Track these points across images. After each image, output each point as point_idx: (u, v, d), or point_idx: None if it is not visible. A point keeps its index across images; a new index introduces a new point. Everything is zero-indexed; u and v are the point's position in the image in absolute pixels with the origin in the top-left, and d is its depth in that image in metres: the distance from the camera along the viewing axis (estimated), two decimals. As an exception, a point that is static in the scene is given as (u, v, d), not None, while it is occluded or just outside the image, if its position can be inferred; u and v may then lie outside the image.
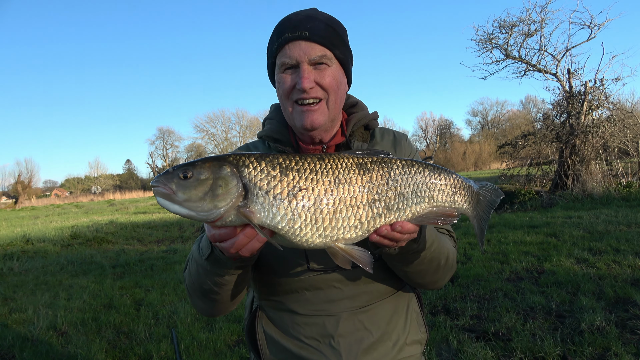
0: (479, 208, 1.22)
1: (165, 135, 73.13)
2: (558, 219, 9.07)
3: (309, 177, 1.01)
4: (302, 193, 1.00)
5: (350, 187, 1.04)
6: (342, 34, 1.36)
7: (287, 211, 0.98)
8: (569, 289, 4.71)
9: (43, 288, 6.66)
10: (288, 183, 1.00)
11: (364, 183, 1.05)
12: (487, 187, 1.24)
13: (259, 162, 1.00)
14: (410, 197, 1.09)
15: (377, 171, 1.07)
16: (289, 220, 0.98)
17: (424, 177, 1.11)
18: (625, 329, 3.64)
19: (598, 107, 13.62)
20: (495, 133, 68.21)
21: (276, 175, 0.99)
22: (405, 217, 1.09)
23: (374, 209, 1.05)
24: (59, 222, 19.20)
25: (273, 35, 1.33)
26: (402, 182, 1.08)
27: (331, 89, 1.28)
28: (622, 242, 6.41)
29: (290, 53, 1.25)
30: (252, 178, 0.98)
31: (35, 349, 4.10)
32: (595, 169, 12.70)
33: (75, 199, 57.65)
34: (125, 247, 10.32)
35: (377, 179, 1.06)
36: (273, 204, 0.97)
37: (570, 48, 14.03)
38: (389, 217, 1.07)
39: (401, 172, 1.09)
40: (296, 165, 1.02)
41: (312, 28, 1.26)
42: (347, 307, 1.33)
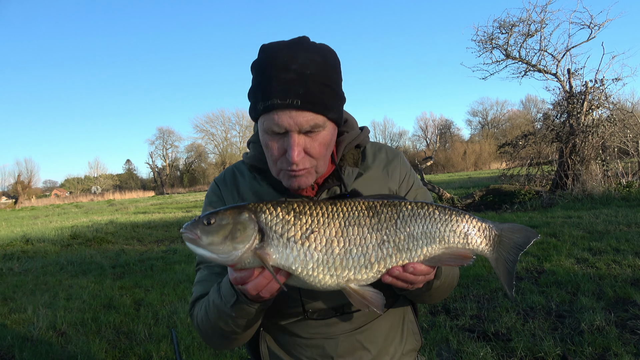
0: (501, 249, 1.19)
1: (165, 135, 73.27)
2: (558, 219, 9.07)
3: (321, 220, 1.08)
4: (314, 235, 1.06)
5: (359, 229, 1.09)
6: (336, 81, 1.21)
7: (300, 252, 1.05)
8: (569, 289, 4.71)
9: (43, 288, 6.66)
10: (301, 226, 1.06)
11: (372, 224, 1.10)
12: (512, 228, 1.20)
13: (275, 208, 1.08)
14: (421, 238, 1.12)
15: (385, 213, 1.11)
16: (302, 261, 1.05)
17: (433, 219, 1.14)
18: (625, 329, 3.64)
19: (598, 107, 13.61)
20: (496, 133, 68.27)
21: (290, 220, 1.07)
22: (417, 259, 1.12)
23: (383, 249, 1.09)
24: (59, 222, 19.20)
25: (258, 88, 1.16)
26: (411, 223, 1.12)
27: (320, 156, 1.21)
28: (622, 242, 6.41)
29: (280, 121, 1.14)
30: (268, 222, 1.06)
31: (35, 349, 4.10)
32: (595, 169, 12.69)
33: (75, 199, 57.67)
34: (125, 247, 10.31)
35: (386, 220, 1.11)
36: (287, 246, 1.05)
37: (571, 48, 14.03)
38: (400, 258, 1.11)
39: (410, 213, 1.13)
40: (309, 210, 1.09)
41: (305, 94, 1.12)
42: (345, 329, 1.38)
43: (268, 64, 1.14)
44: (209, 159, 75.92)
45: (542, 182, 14.51)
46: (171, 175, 75.87)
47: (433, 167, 50.91)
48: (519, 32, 14.51)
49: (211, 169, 73.39)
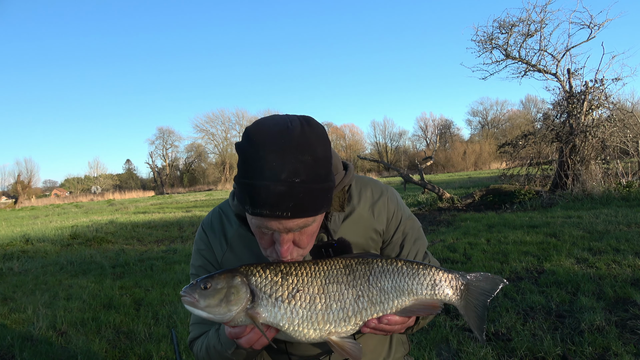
0: (469, 297, 1.27)
1: (165, 135, 73.27)
2: (558, 219, 9.07)
3: (305, 280, 1.19)
4: (299, 294, 1.17)
5: (338, 286, 1.20)
6: (327, 174, 1.14)
7: (286, 310, 1.16)
8: (569, 288, 4.71)
9: (43, 288, 6.67)
10: (288, 286, 1.18)
11: (349, 281, 1.21)
12: (479, 277, 1.28)
13: (264, 270, 1.19)
14: (391, 292, 1.22)
15: (360, 270, 1.23)
16: (288, 318, 1.16)
17: (402, 273, 1.24)
18: (625, 329, 3.64)
19: (598, 107, 13.61)
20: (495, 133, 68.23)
21: (278, 281, 1.18)
22: (390, 310, 1.22)
23: (359, 304, 1.20)
24: (59, 222, 19.20)
25: (243, 194, 1.12)
26: (382, 279, 1.22)
27: (308, 244, 1.24)
28: (622, 242, 6.41)
29: (269, 225, 1.14)
30: (258, 284, 1.17)
31: (35, 349, 4.10)
32: (595, 169, 12.69)
33: (75, 198, 57.66)
34: (125, 247, 10.32)
35: (360, 277, 1.22)
36: (275, 305, 1.16)
37: (570, 48, 14.03)
38: (375, 311, 1.21)
39: (381, 270, 1.23)
40: (295, 271, 1.20)
41: (295, 206, 1.08)
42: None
43: (255, 169, 1.07)
44: (209, 159, 75.99)
45: (542, 182, 14.52)
46: (171, 175, 75.85)
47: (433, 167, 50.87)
48: (518, 32, 14.52)
49: (211, 169, 73.42)
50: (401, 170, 16.12)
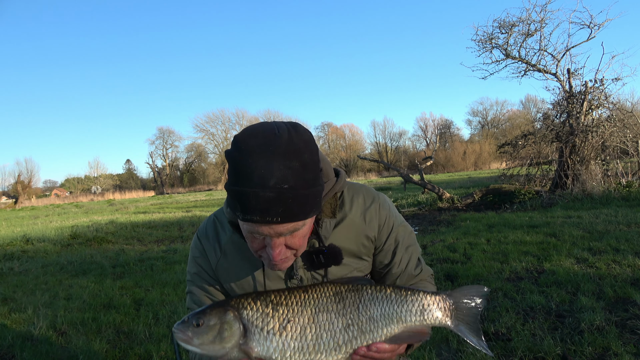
0: (460, 315, 1.27)
1: (165, 135, 73.27)
2: (558, 219, 9.07)
3: (296, 309, 1.20)
4: (290, 325, 1.19)
5: (328, 315, 1.21)
6: (315, 178, 1.16)
7: (278, 343, 1.18)
8: (569, 288, 4.71)
9: (43, 288, 6.67)
10: (279, 317, 1.19)
11: (338, 310, 1.21)
12: (465, 291, 1.29)
13: (255, 302, 1.21)
14: (380, 320, 1.22)
15: (349, 298, 1.23)
16: (280, 351, 1.17)
17: (390, 301, 1.24)
18: (625, 329, 3.64)
19: (598, 107, 13.61)
20: (495, 133, 68.22)
21: (269, 312, 1.20)
22: (379, 339, 1.22)
23: (349, 332, 1.21)
24: (59, 222, 19.21)
25: (233, 201, 1.14)
26: (371, 307, 1.23)
27: (300, 246, 1.24)
28: (622, 242, 6.41)
29: (260, 230, 1.15)
30: (250, 318, 1.19)
31: (36, 349, 4.11)
32: (595, 169, 12.70)
33: (75, 198, 57.68)
34: (125, 247, 10.32)
35: (350, 305, 1.22)
36: (267, 339, 1.18)
37: (570, 48, 14.03)
38: (364, 340, 1.21)
39: (370, 297, 1.24)
40: (285, 300, 1.21)
41: (284, 211, 1.10)
42: None
43: (245, 176, 1.09)
44: (209, 159, 75.99)
45: (542, 182, 14.52)
46: (171, 175, 75.88)
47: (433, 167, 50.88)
48: (518, 31, 14.53)
49: (211, 169, 73.43)
50: (401, 170, 16.13)
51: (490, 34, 14.96)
